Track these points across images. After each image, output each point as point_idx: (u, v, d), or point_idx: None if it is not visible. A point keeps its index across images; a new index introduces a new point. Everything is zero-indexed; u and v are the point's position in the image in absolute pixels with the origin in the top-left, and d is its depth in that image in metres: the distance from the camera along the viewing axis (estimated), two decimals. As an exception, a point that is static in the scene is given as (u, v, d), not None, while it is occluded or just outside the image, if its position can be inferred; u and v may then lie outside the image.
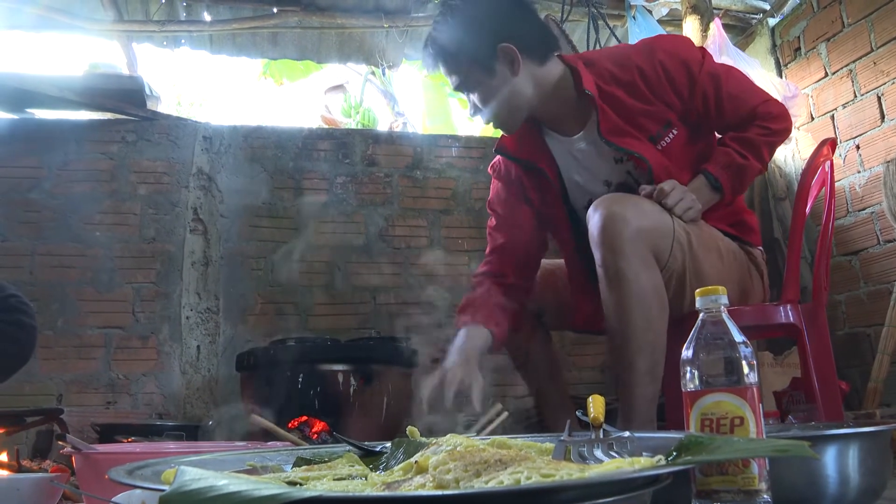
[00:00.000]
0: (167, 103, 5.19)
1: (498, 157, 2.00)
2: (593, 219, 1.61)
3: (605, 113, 1.73)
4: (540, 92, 1.78)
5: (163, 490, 0.63)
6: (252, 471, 0.96)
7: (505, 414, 1.45)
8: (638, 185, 1.77)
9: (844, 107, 3.10)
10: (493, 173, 2.03)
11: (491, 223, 2.01)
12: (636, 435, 0.89)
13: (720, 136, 1.83)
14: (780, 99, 2.85)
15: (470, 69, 1.75)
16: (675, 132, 1.75)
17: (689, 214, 1.66)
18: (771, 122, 1.75)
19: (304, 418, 2.07)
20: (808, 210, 1.96)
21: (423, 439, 1.04)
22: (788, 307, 1.80)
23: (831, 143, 1.94)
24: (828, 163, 1.94)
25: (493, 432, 1.36)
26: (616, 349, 1.64)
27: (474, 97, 1.79)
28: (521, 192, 1.96)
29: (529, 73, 1.76)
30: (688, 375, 0.90)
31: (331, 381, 2.19)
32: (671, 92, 1.73)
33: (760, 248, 1.91)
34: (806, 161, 1.90)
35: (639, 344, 1.58)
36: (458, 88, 1.80)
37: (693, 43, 1.86)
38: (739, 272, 1.80)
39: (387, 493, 0.72)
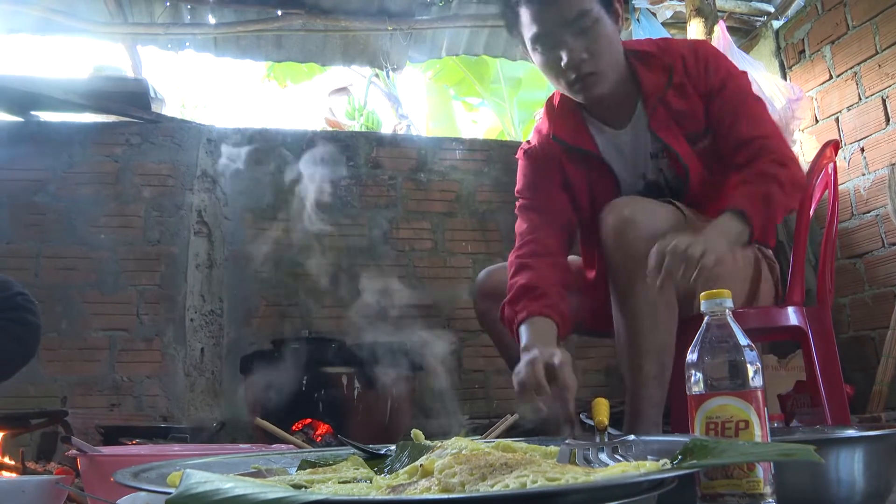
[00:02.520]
0: (171, 106, 5.21)
1: (531, 142, 1.89)
2: (605, 223, 1.61)
3: (655, 109, 1.70)
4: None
5: (169, 493, 0.63)
6: (257, 473, 0.96)
7: (515, 416, 1.46)
8: (667, 182, 1.76)
9: (849, 109, 3.10)
10: (526, 157, 1.89)
11: (523, 204, 1.86)
12: (641, 438, 0.89)
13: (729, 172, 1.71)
14: (783, 101, 2.84)
15: (594, 7, 1.63)
16: (710, 138, 1.71)
17: (706, 261, 1.41)
18: (780, 170, 1.59)
19: (308, 421, 2.08)
20: (811, 212, 1.96)
21: (428, 442, 1.05)
22: (793, 310, 1.79)
23: (834, 145, 1.93)
24: (831, 165, 1.94)
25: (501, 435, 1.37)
26: (624, 352, 1.64)
27: (581, 43, 1.63)
28: (562, 178, 1.84)
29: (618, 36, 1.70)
30: (693, 379, 0.89)
31: (335, 383, 2.19)
32: (704, 89, 1.69)
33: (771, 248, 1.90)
34: (809, 164, 1.90)
35: (647, 347, 1.58)
36: (572, 23, 1.62)
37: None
38: (751, 270, 1.79)
39: (392, 496, 0.72)
